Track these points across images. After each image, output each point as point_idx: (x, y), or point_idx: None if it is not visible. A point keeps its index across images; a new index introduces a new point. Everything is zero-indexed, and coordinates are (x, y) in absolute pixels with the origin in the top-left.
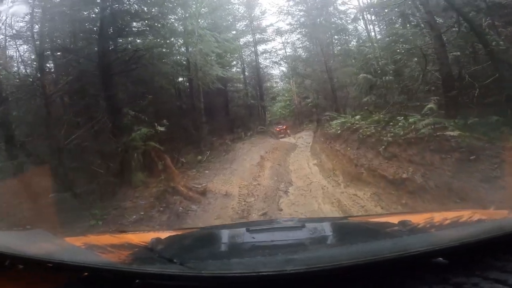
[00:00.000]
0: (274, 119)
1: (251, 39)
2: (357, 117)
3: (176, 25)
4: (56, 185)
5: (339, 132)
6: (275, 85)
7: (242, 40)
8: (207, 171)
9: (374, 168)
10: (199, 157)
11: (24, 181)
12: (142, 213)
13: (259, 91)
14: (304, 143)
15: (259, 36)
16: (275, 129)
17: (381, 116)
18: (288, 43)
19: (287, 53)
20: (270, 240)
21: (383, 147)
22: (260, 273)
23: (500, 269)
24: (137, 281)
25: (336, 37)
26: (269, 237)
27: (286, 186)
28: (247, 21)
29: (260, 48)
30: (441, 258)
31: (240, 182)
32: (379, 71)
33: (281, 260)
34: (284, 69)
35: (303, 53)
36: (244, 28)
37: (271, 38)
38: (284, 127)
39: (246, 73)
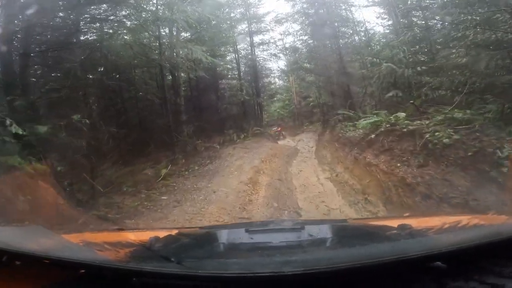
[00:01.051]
0: (272, 120)
1: (247, 29)
2: (401, 114)
3: None
4: None
5: (372, 136)
6: (273, 81)
7: (236, 31)
8: (164, 197)
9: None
10: (164, 171)
11: None
12: None
13: (255, 86)
14: (306, 147)
15: (256, 25)
16: (270, 130)
17: (469, 112)
18: (288, 33)
19: (287, 45)
20: (269, 241)
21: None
22: (257, 274)
23: (498, 274)
24: (134, 279)
25: (342, 29)
26: (267, 238)
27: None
28: (242, 8)
29: (257, 38)
30: (439, 262)
31: (217, 217)
32: (410, 59)
33: (279, 261)
34: (283, 64)
35: (305, 46)
36: (238, 16)
37: (269, 28)
38: (279, 129)
39: (241, 66)
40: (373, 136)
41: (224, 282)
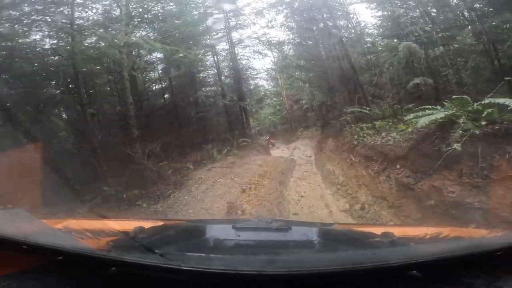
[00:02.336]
0: (264, 128)
1: (224, 25)
2: (506, 101)
3: None
4: None
5: (456, 147)
6: (260, 84)
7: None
8: None
9: None
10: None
11: None
12: None
13: (237, 89)
14: (304, 157)
15: (235, 20)
16: (259, 140)
17: None
18: (271, 26)
19: (272, 40)
20: (255, 239)
21: None
22: (240, 272)
23: (469, 285)
24: (112, 268)
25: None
26: (254, 236)
27: None
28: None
29: (237, 34)
30: (415, 271)
31: None
32: (439, 34)
33: (263, 260)
34: (269, 63)
35: (292, 39)
36: (216, 12)
37: (249, 21)
38: (267, 137)
39: (221, 67)
40: (456, 146)
41: (206, 278)
